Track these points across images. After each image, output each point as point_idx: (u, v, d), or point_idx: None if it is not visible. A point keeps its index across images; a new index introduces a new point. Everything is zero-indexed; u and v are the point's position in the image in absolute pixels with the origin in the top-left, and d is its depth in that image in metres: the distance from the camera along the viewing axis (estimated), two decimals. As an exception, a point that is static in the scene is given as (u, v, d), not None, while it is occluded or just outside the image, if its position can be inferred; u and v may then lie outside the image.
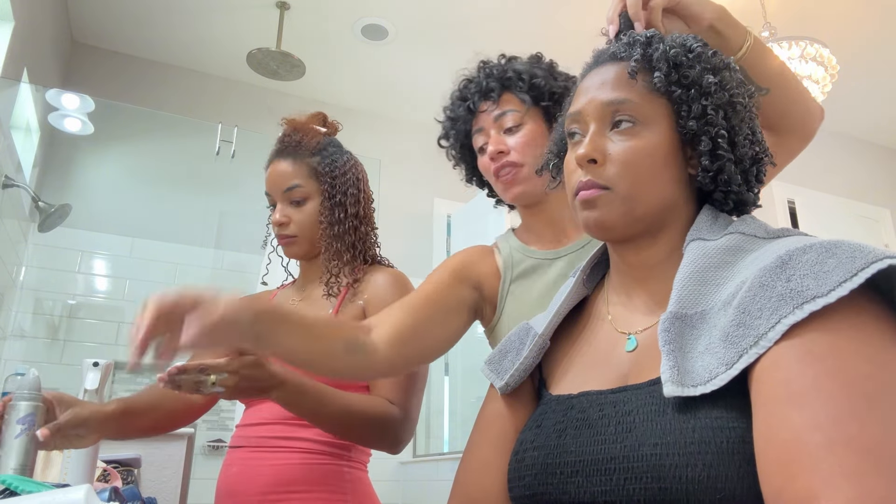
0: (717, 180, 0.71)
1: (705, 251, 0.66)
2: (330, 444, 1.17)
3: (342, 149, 1.37)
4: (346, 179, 1.29)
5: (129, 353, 0.75)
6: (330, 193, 1.27)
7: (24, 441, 0.93)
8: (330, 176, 1.28)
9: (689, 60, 0.70)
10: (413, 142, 4.01)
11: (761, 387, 0.52)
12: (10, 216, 2.51)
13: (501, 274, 1.07)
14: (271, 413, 1.20)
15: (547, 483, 0.63)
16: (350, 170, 1.31)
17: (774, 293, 0.54)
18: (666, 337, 0.59)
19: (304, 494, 1.13)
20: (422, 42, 3.41)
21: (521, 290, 1.06)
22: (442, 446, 3.47)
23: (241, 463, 1.19)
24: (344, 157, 1.33)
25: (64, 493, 0.62)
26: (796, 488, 0.45)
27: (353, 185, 1.30)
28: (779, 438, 0.48)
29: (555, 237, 1.10)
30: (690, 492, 0.52)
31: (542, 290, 1.04)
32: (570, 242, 1.08)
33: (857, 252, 0.52)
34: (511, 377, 0.76)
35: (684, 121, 0.70)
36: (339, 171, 1.29)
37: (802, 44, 2.86)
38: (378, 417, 1.11)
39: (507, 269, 1.07)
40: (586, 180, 0.70)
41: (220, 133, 2.92)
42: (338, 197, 1.27)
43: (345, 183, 1.29)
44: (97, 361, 0.96)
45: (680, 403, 0.56)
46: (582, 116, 0.73)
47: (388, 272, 1.27)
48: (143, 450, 1.75)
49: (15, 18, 2.35)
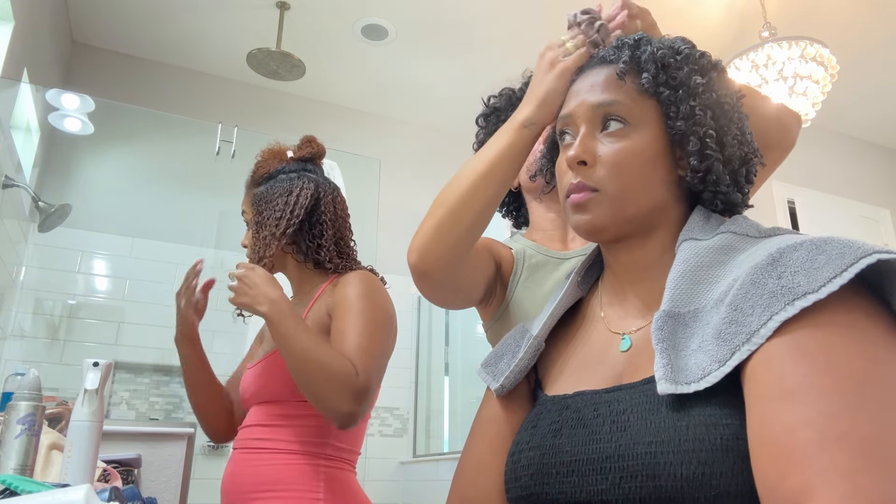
0: (706, 181, 0.71)
1: (697, 250, 0.66)
2: (307, 444, 1.22)
3: (301, 174, 1.39)
4: (272, 205, 1.35)
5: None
6: (257, 220, 1.37)
7: (24, 441, 0.93)
8: (262, 201, 1.37)
9: (677, 62, 0.71)
10: (413, 142, 4.01)
11: (754, 384, 0.52)
12: (10, 216, 2.51)
13: (514, 263, 1.09)
14: (256, 416, 1.28)
15: (543, 483, 0.63)
16: (282, 195, 1.35)
17: (766, 290, 0.54)
18: (659, 335, 0.60)
19: (279, 493, 1.18)
20: (422, 42, 3.42)
21: (531, 282, 1.06)
22: (442, 446, 3.48)
23: (233, 464, 1.27)
24: (289, 183, 1.37)
25: (64, 493, 0.62)
26: (790, 485, 0.46)
27: (279, 209, 1.34)
28: (772, 435, 0.48)
29: (562, 239, 1.12)
30: (685, 489, 0.52)
31: (549, 289, 1.04)
32: (579, 245, 1.10)
33: (847, 248, 0.52)
34: (507, 379, 0.76)
35: (673, 121, 0.70)
36: (270, 197, 1.36)
37: (802, 44, 2.86)
38: (337, 370, 1.11)
39: (519, 261, 1.08)
40: (576, 182, 0.71)
41: (220, 133, 2.92)
42: (261, 217, 1.36)
43: (272, 208, 1.35)
44: (97, 361, 0.96)
45: (674, 401, 0.57)
46: (572, 119, 0.74)
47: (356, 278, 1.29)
48: (143, 450, 1.75)
49: (15, 18, 2.35)
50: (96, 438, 0.94)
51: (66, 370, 2.79)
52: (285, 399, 1.25)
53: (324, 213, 1.36)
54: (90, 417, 0.94)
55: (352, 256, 1.41)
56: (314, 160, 1.45)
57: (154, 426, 2.10)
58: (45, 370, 2.55)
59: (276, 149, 1.44)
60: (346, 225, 1.42)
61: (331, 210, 1.38)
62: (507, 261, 1.08)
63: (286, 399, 1.25)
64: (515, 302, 1.06)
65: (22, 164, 2.64)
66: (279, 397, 1.25)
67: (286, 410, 1.24)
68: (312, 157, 1.45)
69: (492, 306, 1.09)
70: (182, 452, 1.86)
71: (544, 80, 0.85)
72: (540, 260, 1.08)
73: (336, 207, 1.40)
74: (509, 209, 1.26)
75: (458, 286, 0.96)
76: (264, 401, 1.28)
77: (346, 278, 1.29)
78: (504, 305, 1.07)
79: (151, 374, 3.01)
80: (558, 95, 0.81)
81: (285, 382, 1.23)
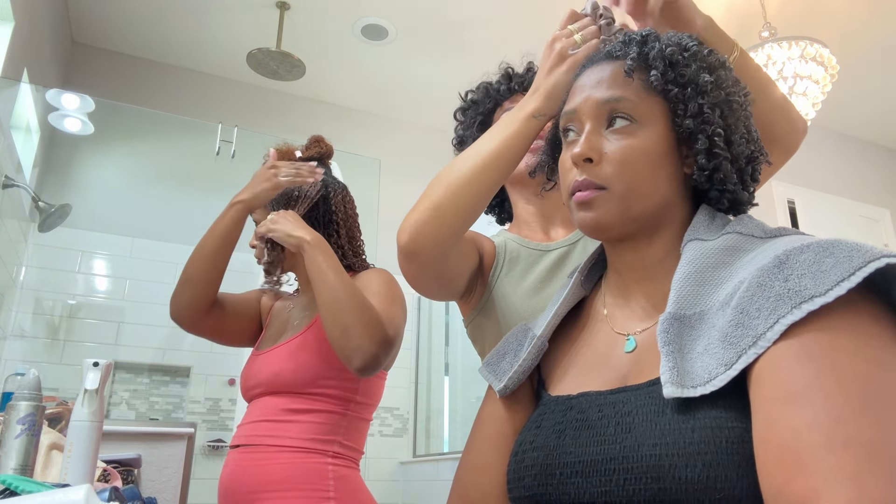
0: (713, 179, 0.70)
1: (703, 251, 0.66)
2: (316, 441, 1.20)
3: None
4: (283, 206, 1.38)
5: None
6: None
7: (24, 441, 0.93)
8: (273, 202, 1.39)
9: (685, 59, 0.70)
10: (413, 142, 4.01)
11: (760, 387, 0.52)
12: (10, 216, 2.51)
13: (496, 255, 1.08)
14: (261, 412, 1.25)
15: (546, 484, 0.63)
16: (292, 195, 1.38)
17: (772, 293, 0.54)
18: (665, 338, 0.59)
19: (287, 493, 1.15)
20: (422, 42, 3.41)
21: (513, 275, 1.06)
22: (442, 446, 3.48)
23: (235, 463, 1.23)
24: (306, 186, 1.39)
25: (64, 493, 0.62)
26: (796, 488, 0.45)
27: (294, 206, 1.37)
28: (778, 438, 0.48)
29: (544, 231, 1.12)
30: (690, 492, 0.52)
31: (533, 281, 1.04)
32: (560, 238, 1.10)
33: (855, 251, 0.52)
34: (510, 379, 0.75)
35: (680, 119, 0.70)
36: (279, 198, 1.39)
37: (802, 44, 2.86)
38: (371, 310, 1.15)
39: (500, 253, 1.08)
40: (582, 179, 0.70)
41: (220, 133, 2.92)
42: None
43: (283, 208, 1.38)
44: (97, 361, 0.96)
45: (679, 404, 0.56)
46: (577, 115, 0.73)
47: (374, 271, 1.34)
48: (143, 450, 1.75)
49: (15, 18, 2.35)
50: (96, 438, 0.94)
51: (66, 370, 2.79)
52: (298, 391, 1.23)
53: (335, 213, 1.37)
54: (90, 417, 0.94)
55: (364, 255, 1.42)
56: (322, 160, 1.45)
57: (154, 426, 2.10)
58: (45, 370, 2.56)
59: (284, 149, 1.44)
60: (356, 224, 1.43)
61: (341, 209, 1.39)
62: (489, 253, 1.08)
63: (299, 391, 1.23)
64: (498, 294, 1.05)
65: (22, 164, 2.64)
66: (293, 388, 1.23)
67: (296, 405, 1.22)
68: (321, 157, 1.45)
69: (473, 300, 1.08)
70: (182, 452, 1.86)
71: (554, 71, 0.85)
72: (522, 253, 1.08)
73: (346, 206, 1.41)
74: (491, 205, 1.25)
75: (444, 273, 0.95)
76: (275, 391, 1.25)
77: (364, 273, 1.32)
78: (486, 298, 1.06)
79: (151, 374, 3.01)
80: (567, 88, 0.81)
81: (303, 372, 1.22)
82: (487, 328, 1.05)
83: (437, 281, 0.97)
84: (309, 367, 1.22)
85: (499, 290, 1.05)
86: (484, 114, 1.17)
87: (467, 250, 1.00)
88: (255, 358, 1.33)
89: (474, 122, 1.17)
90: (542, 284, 1.04)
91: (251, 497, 1.17)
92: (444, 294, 1.03)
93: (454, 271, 0.98)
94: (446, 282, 0.99)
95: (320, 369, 1.23)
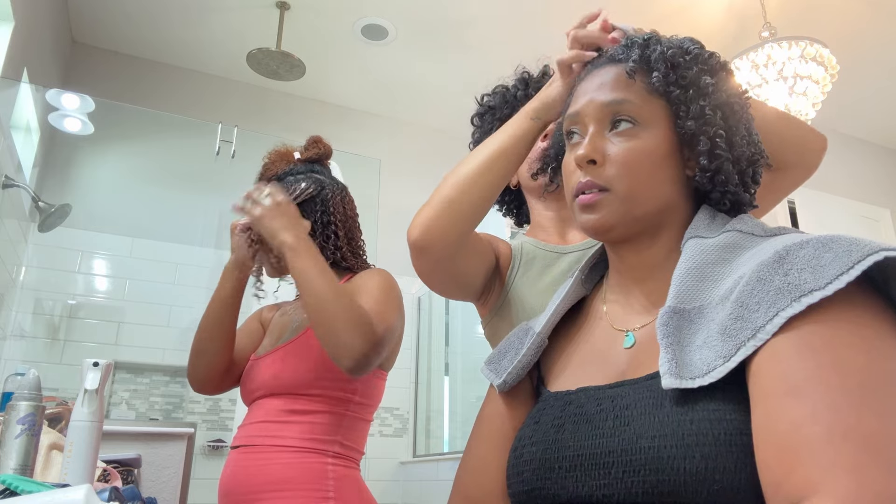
0: (715, 180, 0.71)
1: (703, 248, 0.66)
2: (316, 442, 1.20)
3: (308, 175, 1.39)
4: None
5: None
6: None
7: (24, 441, 0.93)
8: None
9: (687, 61, 0.71)
10: (413, 142, 4.01)
11: (759, 379, 0.52)
12: (10, 216, 2.51)
13: (512, 258, 1.10)
14: (262, 412, 1.25)
15: (545, 478, 0.63)
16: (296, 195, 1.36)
17: (772, 287, 0.54)
18: (664, 331, 0.60)
19: (287, 493, 1.15)
20: (422, 42, 3.42)
21: (530, 276, 1.07)
22: (442, 446, 3.48)
23: (235, 464, 1.24)
24: (301, 184, 1.37)
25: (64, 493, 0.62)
26: (795, 480, 0.46)
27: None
28: (777, 430, 0.48)
29: (561, 234, 1.13)
30: (688, 483, 0.52)
31: (550, 282, 1.05)
32: (578, 241, 1.11)
33: (853, 245, 0.52)
34: (509, 375, 0.76)
35: (682, 121, 0.70)
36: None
37: (802, 44, 2.86)
38: (359, 311, 1.12)
39: (517, 256, 1.09)
40: (585, 181, 0.71)
41: (220, 133, 2.92)
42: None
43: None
44: (97, 361, 0.96)
45: (678, 396, 0.57)
46: (581, 117, 0.74)
47: (373, 271, 1.33)
48: (143, 450, 1.75)
49: (15, 18, 2.35)
50: (96, 438, 0.94)
51: (66, 370, 2.79)
52: (298, 392, 1.23)
53: (333, 214, 1.37)
54: (90, 417, 0.94)
55: (364, 255, 1.42)
56: (321, 161, 1.45)
57: (154, 426, 2.10)
58: (45, 370, 2.55)
59: (283, 150, 1.44)
60: (356, 224, 1.43)
61: (340, 210, 1.38)
62: (506, 255, 1.10)
63: (298, 392, 1.23)
64: (514, 295, 1.06)
65: (22, 164, 2.64)
66: (292, 389, 1.23)
67: (297, 406, 1.22)
68: (319, 158, 1.45)
69: (490, 302, 1.09)
70: (182, 452, 1.86)
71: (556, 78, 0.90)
72: (539, 255, 1.09)
73: (345, 207, 1.40)
74: (509, 208, 1.26)
75: (457, 271, 0.98)
76: (275, 393, 1.25)
77: (363, 274, 1.31)
78: (502, 299, 1.07)
79: (151, 374, 3.01)
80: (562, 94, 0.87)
81: (301, 373, 1.22)
82: (503, 330, 1.06)
83: (452, 279, 0.99)
84: (307, 368, 1.22)
85: (515, 292, 1.06)
86: (501, 119, 1.17)
87: (482, 249, 1.02)
88: (255, 363, 1.34)
89: (492, 127, 1.17)
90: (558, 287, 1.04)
91: (251, 497, 1.17)
92: (459, 293, 1.05)
93: (468, 269, 1.00)
94: (460, 279, 1.01)
95: (318, 371, 1.23)
